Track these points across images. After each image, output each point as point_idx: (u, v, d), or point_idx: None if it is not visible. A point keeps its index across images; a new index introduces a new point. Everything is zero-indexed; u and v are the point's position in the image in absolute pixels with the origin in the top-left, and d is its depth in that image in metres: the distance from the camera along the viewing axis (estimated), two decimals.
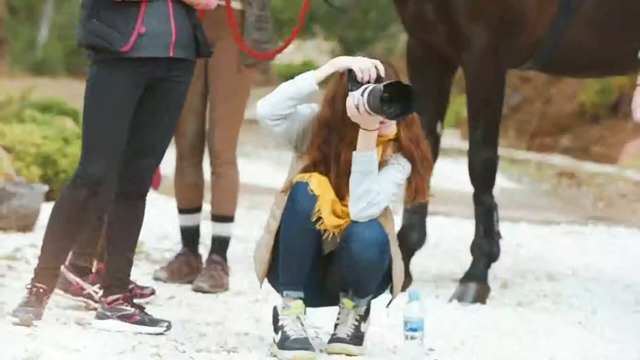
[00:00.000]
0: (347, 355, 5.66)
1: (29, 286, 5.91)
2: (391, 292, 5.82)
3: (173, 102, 5.98)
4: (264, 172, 10.25)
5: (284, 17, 12.53)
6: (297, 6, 7.68)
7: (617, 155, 17.60)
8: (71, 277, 6.37)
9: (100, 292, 6.12)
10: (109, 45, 5.76)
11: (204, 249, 7.47)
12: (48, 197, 8.52)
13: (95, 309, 6.12)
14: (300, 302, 5.63)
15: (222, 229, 7.29)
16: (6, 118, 10.40)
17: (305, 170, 5.69)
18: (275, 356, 5.54)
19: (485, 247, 7.38)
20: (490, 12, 7.14)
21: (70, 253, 6.26)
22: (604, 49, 7.42)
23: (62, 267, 6.19)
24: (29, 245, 7.58)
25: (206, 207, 7.47)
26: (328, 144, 5.67)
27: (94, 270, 6.47)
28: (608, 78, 15.60)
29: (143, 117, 5.90)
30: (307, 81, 5.65)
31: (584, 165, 17.45)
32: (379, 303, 5.85)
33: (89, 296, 6.35)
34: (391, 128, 5.68)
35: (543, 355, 6.00)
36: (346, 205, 5.63)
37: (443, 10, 7.24)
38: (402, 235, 7.08)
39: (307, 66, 18.91)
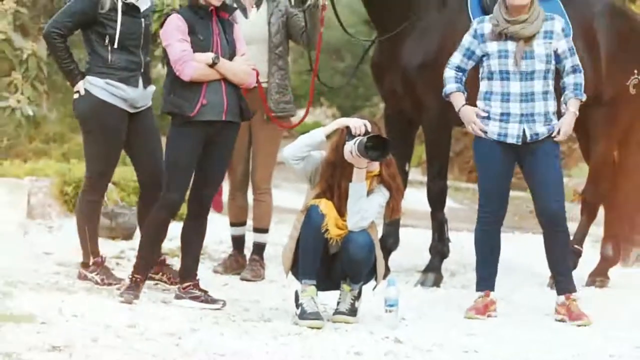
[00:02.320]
0: (346, 323, 5.66)
1: (130, 276, 5.94)
2: (376, 279, 5.82)
3: (225, 150, 5.96)
4: (288, 197, 10.19)
5: (299, 93, 12.51)
6: (309, 85, 7.64)
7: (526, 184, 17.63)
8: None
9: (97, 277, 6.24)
10: (181, 112, 5.77)
11: (247, 251, 7.40)
12: None
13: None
14: (314, 287, 5.64)
15: (260, 237, 7.23)
16: None
17: (317, 196, 5.69)
18: (296, 324, 5.53)
19: (439, 248, 7.33)
20: (440, 88, 7.11)
21: None
22: None
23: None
24: (130, 248, 7.54)
25: (249, 222, 7.41)
26: (332, 178, 5.67)
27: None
28: None
29: (204, 160, 5.87)
30: (318, 134, 5.69)
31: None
32: (367, 287, 5.84)
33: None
34: (375, 166, 5.68)
35: (479, 321, 6.00)
36: (345, 221, 5.63)
37: (409, 87, 7.19)
38: (382, 241, 7.02)
39: (316, 125, 19.06)
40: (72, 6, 6.20)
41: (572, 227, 8.06)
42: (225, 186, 6.88)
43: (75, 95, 6.28)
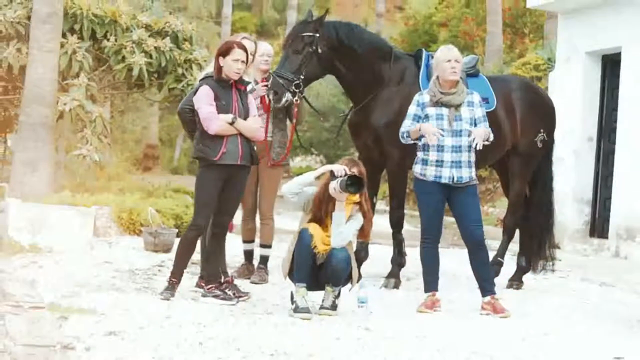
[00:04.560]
0: (328, 315, 5.56)
1: (168, 280, 5.84)
2: (351, 283, 5.73)
3: (239, 186, 5.89)
4: (287, 222, 10.14)
5: (295, 144, 12.57)
6: (303, 140, 7.56)
7: None
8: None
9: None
10: (207, 157, 5.72)
11: (256, 261, 7.30)
12: (177, 235, 8.41)
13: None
14: (305, 288, 5.54)
15: (265, 251, 7.14)
16: (157, 195, 10.32)
17: (308, 222, 5.62)
18: (292, 316, 5.43)
19: (398, 260, 7.23)
20: (398, 142, 7.05)
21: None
22: None
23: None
24: (168, 259, 7.45)
25: (257, 240, 7.31)
26: (320, 208, 5.60)
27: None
28: None
29: (224, 194, 5.81)
30: (309, 176, 5.65)
31: (446, 218, 17.31)
32: (345, 289, 5.75)
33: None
34: (354, 197, 5.61)
35: (428, 314, 5.91)
36: (329, 237, 5.55)
37: (376, 141, 7.14)
38: (356, 254, 6.91)
39: (309, 168, 18.99)
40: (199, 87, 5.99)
41: (497, 244, 8.02)
42: (239, 213, 6.81)
43: None
